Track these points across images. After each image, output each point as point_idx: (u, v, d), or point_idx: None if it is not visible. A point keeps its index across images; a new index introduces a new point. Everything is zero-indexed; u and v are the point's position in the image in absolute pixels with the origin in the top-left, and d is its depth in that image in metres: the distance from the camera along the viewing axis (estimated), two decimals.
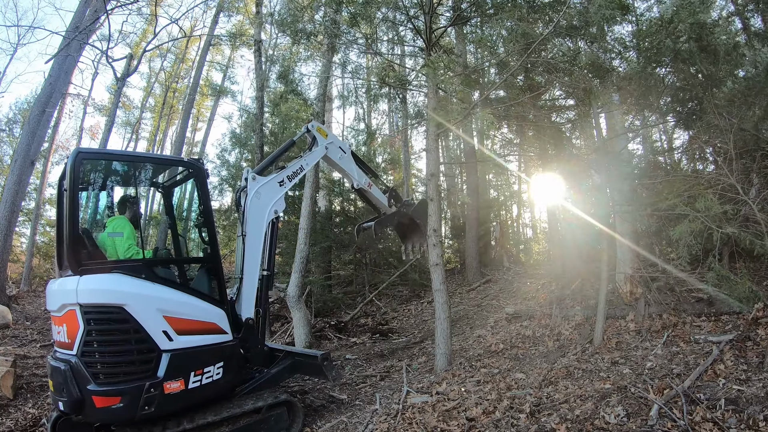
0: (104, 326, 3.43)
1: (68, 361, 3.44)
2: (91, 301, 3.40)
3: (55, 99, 9.86)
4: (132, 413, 3.43)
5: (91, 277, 3.48)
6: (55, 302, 3.69)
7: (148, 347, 3.54)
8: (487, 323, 7.38)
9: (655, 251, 5.96)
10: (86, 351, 3.40)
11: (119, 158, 4.70)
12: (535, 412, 3.61)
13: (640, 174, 6.03)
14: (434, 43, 5.90)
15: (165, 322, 3.64)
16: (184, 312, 3.78)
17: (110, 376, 3.44)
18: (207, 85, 20.08)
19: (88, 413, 3.45)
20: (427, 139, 5.99)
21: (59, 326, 3.64)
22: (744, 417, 2.90)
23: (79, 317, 3.39)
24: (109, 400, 3.37)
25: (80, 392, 3.37)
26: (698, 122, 5.00)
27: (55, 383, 3.57)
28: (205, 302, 3.93)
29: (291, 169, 4.89)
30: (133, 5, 8.41)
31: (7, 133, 17.57)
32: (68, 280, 3.55)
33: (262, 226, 4.49)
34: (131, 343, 3.52)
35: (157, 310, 3.62)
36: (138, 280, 3.62)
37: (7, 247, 8.82)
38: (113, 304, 3.44)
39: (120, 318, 3.44)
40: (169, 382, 3.58)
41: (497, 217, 15.75)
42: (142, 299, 3.56)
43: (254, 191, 4.44)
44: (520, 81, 6.94)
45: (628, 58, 5.42)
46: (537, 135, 7.36)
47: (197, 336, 3.83)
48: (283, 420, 4.32)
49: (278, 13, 9.34)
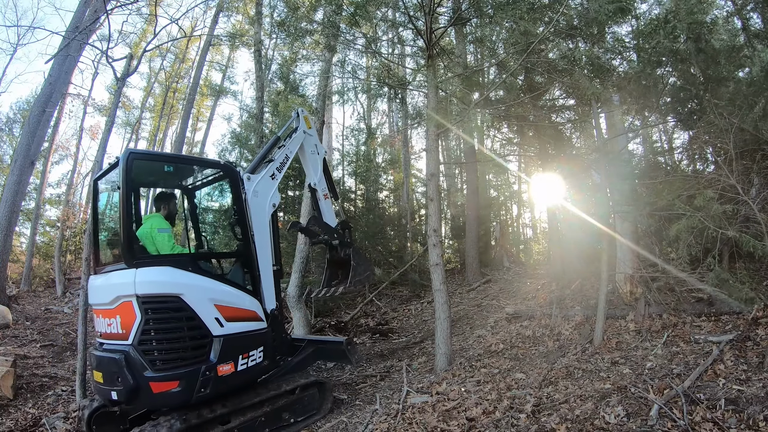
0: (162, 315, 3.64)
1: (122, 351, 3.60)
2: (149, 291, 3.59)
3: (55, 99, 9.86)
4: (189, 396, 3.64)
5: (147, 269, 3.68)
6: (105, 296, 3.85)
7: (202, 333, 3.80)
8: (487, 323, 7.38)
9: (655, 251, 5.96)
10: (143, 339, 3.57)
11: (165, 159, 5.13)
12: (535, 412, 3.61)
13: (640, 174, 6.03)
14: (434, 44, 5.90)
15: (216, 310, 3.91)
16: (230, 301, 4.07)
17: (167, 362, 3.62)
18: (207, 85, 20.07)
19: (143, 400, 3.63)
20: (427, 139, 5.98)
21: (110, 318, 3.79)
22: (744, 417, 2.90)
23: (135, 308, 3.57)
24: (167, 385, 3.56)
25: (136, 380, 3.52)
26: (698, 122, 5.00)
27: (106, 374, 3.72)
28: (243, 292, 4.24)
29: (278, 161, 5.01)
30: (133, 5, 8.39)
31: (7, 133, 17.56)
32: (122, 274, 3.72)
33: (266, 221, 4.68)
34: (187, 330, 3.74)
35: (209, 299, 3.90)
36: (189, 272, 3.87)
37: (7, 247, 8.81)
38: (171, 294, 3.68)
39: (177, 307, 3.68)
40: (221, 365, 3.84)
41: (497, 217, 15.76)
42: (196, 289, 3.82)
43: (252, 191, 4.57)
44: (520, 81, 6.94)
45: (628, 58, 5.42)
46: (537, 135, 7.36)
47: (242, 323, 4.13)
48: (315, 399, 4.71)
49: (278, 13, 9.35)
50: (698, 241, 4.28)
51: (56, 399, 5.02)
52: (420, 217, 14.84)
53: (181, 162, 5.18)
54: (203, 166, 5.12)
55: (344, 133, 16.88)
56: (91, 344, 4.82)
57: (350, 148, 15.63)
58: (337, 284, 5.80)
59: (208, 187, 5.49)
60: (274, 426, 4.32)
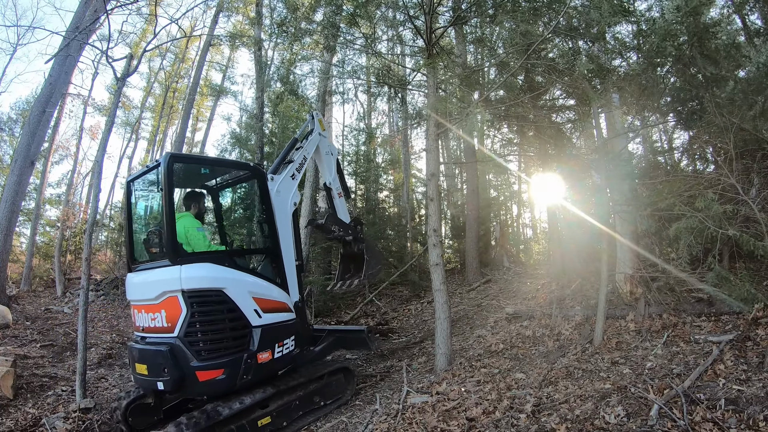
0: (207, 308, 3.90)
1: (168, 343, 3.84)
2: (195, 287, 3.85)
3: (55, 99, 9.85)
4: (233, 383, 3.92)
5: (191, 266, 3.92)
6: (148, 292, 4.06)
7: (244, 324, 4.10)
8: (487, 323, 7.37)
9: (655, 251, 5.95)
10: (189, 332, 3.81)
11: (201, 161, 5.49)
12: (535, 412, 3.61)
13: (640, 174, 6.03)
14: (434, 43, 5.90)
15: (254, 303, 4.21)
16: (265, 294, 4.38)
17: (212, 351, 3.89)
18: (207, 85, 20.05)
19: (189, 388, 3.88)
20: (427, 139, 5.98)
21: (154, 313, 4.01)
22: (744, 417, 2.90)
23: (181, 302, 3.82)
24: (213, 373, 3.82)
25: (182, 370, 3.77)
26: (698, 122, 5.00)
27: (151, 365, 3.92)
28: (274, 285, 4.55)
29: (297, 162, 5.32)
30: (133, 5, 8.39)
31: (7, 133, 17.56)
32: (166, 271, 3.93)
33: (288, 219, 4.97)
34: (230, 321, 4.02)
35: (248, 292, 4.18)
36: (228, 268, 4.14)
37: (7, 247, 8.81)
38: (215, 289, 3.95)
39: (220, 300, 3.96)
40: (260, 353, 4.15)
41: (497, 217, 15.74)
42: (236, 283, 4.10)
43: (275, 190, 4.86)
44: (520, 81, 6.94)
45: (629, 58, 5.42)
46: (537, 135, 7.36)
47: (276, 314, 4.45)
48: (341, 384, 5.08)
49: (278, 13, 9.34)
50: (698, 241, 4.28)
51: (56, 399, 5.01)
52: (420, 217, 14.84)
53: (215, 164, 5.50)
54: (234, 167, 5.43)
55: (344, 133, 16.87)
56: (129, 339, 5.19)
57: (350, 148, 15.64)
58: (351, 278, 6.07)
59: (236, 187, 5.94)
60: (307, 409, 4.64)
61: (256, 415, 4.13)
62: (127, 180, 4.88)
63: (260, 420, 4.13)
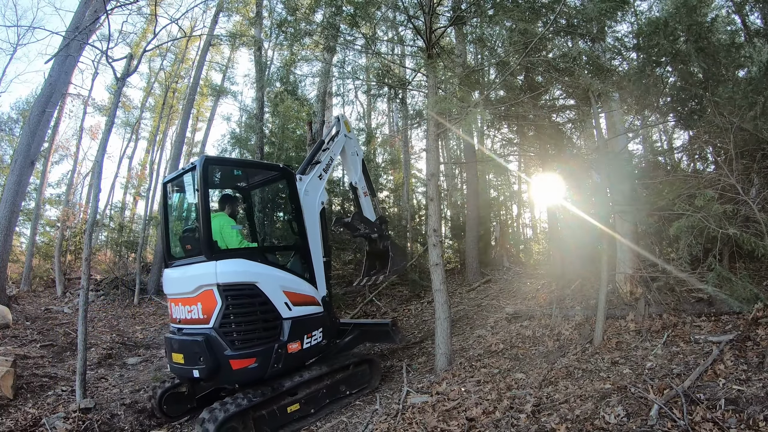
0: (241, 301, 4.15)
1: (204, 334, 4.09)
2: (230, 280, 4.11)
3: (55, 99, 9.85)
4: (264, 371, 4.17)
5: (226, 261, 4.18)
6: (185, 286, 4.33)
7: (275, 316, 4.36)
8: (487, 323, 7.37)
9: (655, 251, 5.95)
10: (224, 323, 4.07)
11: (234, 164, 5.80)
12: (535, 412, 3.60)
13: (640, 174, 6.03)
14: (434, 43, 5.89)
15: (284, 296, 4.49)
16: (295, 287, 4.65)
17: (245, 341, 4.14)
18: (207, 85, 20.04)
19: (223, 376, 4.11)
20: (427, 139, 5.99)
21: (191, 305, 4.28)
22: (744, 417, 2.89)
23: (217, 295, 4.07)
24: (246, 362, 4.07)
25: (217, 359, 4.01)
26: (698, 122, 5.00)
27: (188, 355, 4.19)
28: (303, 280, 4.81)
29: (324, 162, 5.54)
30: (133, 5, 8.39)
31: (7, 133, 17.55)
32: (202, 266, 4.20)
33: (316, 218, 5.21)
34: (262, 313, 4.29)
35: (279, 286, 4.46)
36: (260, 263, 4.42)
37: (7, 247, 8.81)
38: (248, 282, 4.22)
39: (253, 293, 4.23)
40: (290, 344, 4.41)
41: (497, 217, 15.73)
42: (268, 278, 4.38)
43: (303, 190, 5.09)
44: (520, 81, 6.94)
45: (628, 58, 5.41)
46: (537, 135, 7.36)
47: (305, 307, 4.72)
48: (366, 375, 5.32)
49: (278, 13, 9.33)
50: (698, 241, 4.27)
51: (56, 399, 5.01)
52: (420, 217, 14.82)
53: (247, 166, 5.84)
54: (264, 169, 5.73)
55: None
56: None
57: None
58: (377, 273, 6.32)
59: (266, 188, 6.29)
60: (333, 397, 4.88)
61: (285, 402, 4.38)
62: (163, 182, 5.17)
63: (290, 407, 4.39)
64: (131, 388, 5.76)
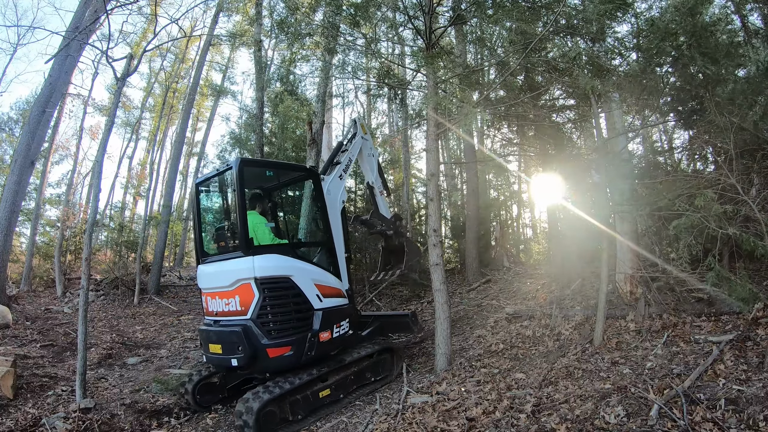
0: (276, 293, 4.45)
1: (242, 325, 4.37)
2: (266, 274, 4.40)
3: (55, 99, 9.85)
4: (298, 358, 4.45)
5: (262, 257, 4.46)
6: (223, 280, 4.61)
7: (307, 307, 4.66)
8: (487, 323, 7.37)
9: (655, 251, 5.95)
10: (261, 314, 4.35)
11: (266, 165, 6.07)
12: (535, 412, 3.60)
13: (640, 174, 6.03)
14: (434, 43, 5.89)
15: (316, 288, 4.79)
16: (324, 280, 4.96)
17: (281, 331, 4.43)
18: (207, 85, 20.05)
19: (261, 364, 4.39)
20: (427, 139, 5.99)
21: (228, 298, 4.56)
22: (744, 417, 2.90)
23: (254, 288, 4.36)
24: (281, 350, 4.37)
25: (254, 347, 4.29)
26: (698, 122, 5.00)
27: (226, 345, 4.46)
28: (330, 274, 5.11)
29: (344, 163, 5.83)
30: (133, 5, 8.39)
31: (7, 133, 17.55)
32: (239, 261, 4.47)
33: (338, 215, 5.50)
34: (296, 304, 4.59)
35: (311, 279, 4.76)
36: (293, 258, 4.73)
37: (7, 247, 8.81)
38: (283, 276, 4.53)
39: (288, 286, 4.54)
40: (322, 333, 4.69)
41: (497, 217, 15.71)
42: (301, 271, 4.69)
43: (326, 189, 5.37)
44: (520, 81, 6.94)
45: (628, 58, 5.41)
46: (537, 135, 7.36)
47: (334, 299, 5.03)
48: (388, 362, 5.63)
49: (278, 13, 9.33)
50: (698, 241, 4.27)
51: (56, 399, 5.01)
52: (420, 217, 14.81)
53: (278, 167, 6.15)
54: (293, 170, 6.16)
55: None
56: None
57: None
58: (392, 269, 6.62)
59: (294, 187, 6.78)
60: (359, 383, 5.19)
61: (317, 387, 4.68)
62: (196, 182, 5.48)
63: (321, 392, 4.70)
64: (131, 388, 5.76)
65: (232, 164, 4.60)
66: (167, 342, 8.60)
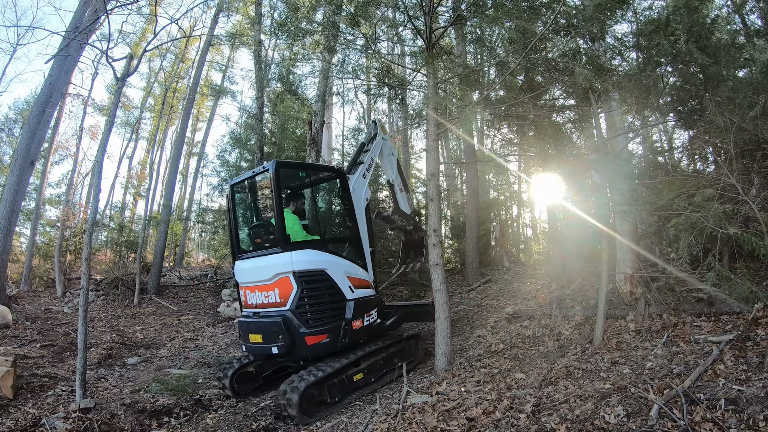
0: (313, 285, 4.82)
1: (281, 315, 4.73)
2: (304, 268, 4.79)
3: (55, 99, 9.85)
4: (334, 345, 4.85)
5: (299, 252, 4.84)
6: (262, 274, 4.97)
7: (341, 298, 5.06)
8: (487, 323, 7.37)
9: (655, 251, 5.95)
10: (299, 305, 4.72)
11: (299, 166, 6.62)
12: (535, 412, 3.60)
13: (640, 174, 6.02)
14: (434, 43, 5.89)
15: (348, 280, 5.19)
16: (355, 273, 5.36)
17: (317, 320, 4.81)
18: (207, 85, 20.03)
19: (299, 351, 4.75)
20: (427, 139, 5.99)
21: (268, 291, 4.93)
22: (744, 417, 2.89)
23: (292, 281, 4.73)
24: (319, 338, 4.75)
25: (293, 336, 4.65)
26: (698, 122, 5.00)
27: (266, 334, 4.82)
28: (359, 267, 5.50)
29: (366, 163, 6.16)
30: (133, 5, 8.38)
31: (7, 133, 17.55)
32: (278, 256, 4.83)
33: (363, 212, 5.81)
34: (330, 295, 4.97)
35: (343, 271, 5.16)
36: (327, 253, 5.10)
37: (7, 247, 8.81)
38: (319, 269, 4.92)
39: (323, 278, 4.93)
40: (354, 321, 5.08)
41: (497, 217, 15.71)
42: (334, 265, 5.09)
43: (351, 188, 5.69)
44: (520, 81, 6.93)
45: (628, 58, 5.41)
46: (537, 135, 7.35)
47: (364, 290, 5.42)
48: (413, 348, 6.08)
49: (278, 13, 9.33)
50: (698, 241, 4.27)
51: (56, 399, 5.01)
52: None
53: (309, 168, 6.68)
54: (322, 170, 6.52)
55: (344, 133, 16.87)
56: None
57: (350, 148, 15.61)
58: (412, 262, 7.04)
59: (324, 186, 7.26)
60: (388, 368, 5.55)
61: (351, 372, 5.05)
62: (230, 183, 5.81)
63: (355, 376, 5.07)
64: (131, 388, 5.76)
65: (269, 167, 4.93)
66: (167, 342, 8.60)
